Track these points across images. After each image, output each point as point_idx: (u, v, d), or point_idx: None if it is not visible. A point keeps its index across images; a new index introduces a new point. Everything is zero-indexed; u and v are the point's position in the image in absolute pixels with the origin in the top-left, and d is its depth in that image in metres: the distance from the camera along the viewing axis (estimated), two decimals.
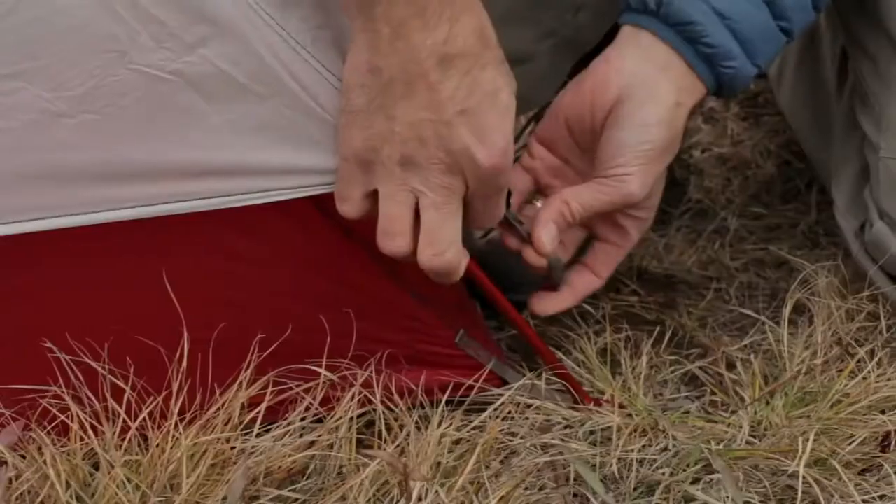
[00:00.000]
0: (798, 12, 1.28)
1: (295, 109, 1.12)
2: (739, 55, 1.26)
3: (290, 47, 1.10)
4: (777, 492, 1.14)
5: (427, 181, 1.11)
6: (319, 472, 1.20)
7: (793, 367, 1.32)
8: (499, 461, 1.19)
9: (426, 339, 1.28)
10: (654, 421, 1.24)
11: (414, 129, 1.09)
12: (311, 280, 1.22)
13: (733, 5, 1.24)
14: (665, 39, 1.25)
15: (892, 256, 1.36)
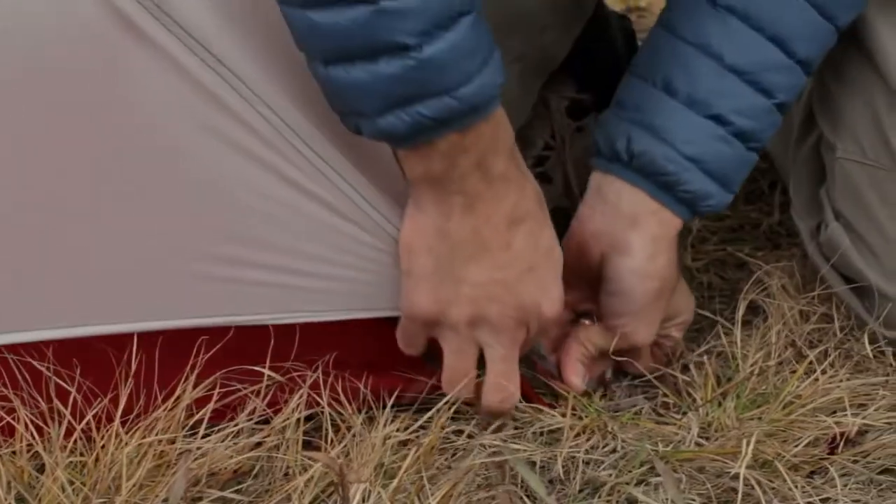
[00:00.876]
0: (768, 129, 1.29)
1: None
2: (716, 192, 1.28)
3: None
4: (720, 494, 1.13)
5: (497, 336, 1.19)
6: (266, 473, 1.20)
7: (746, 368, 1.31)
8: (443, 461, 1.19)
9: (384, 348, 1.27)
10: (603, 422, 1.24)
11: (484, 289, 1.16)
12: None
13: (704, 147, 1.26)
14: (639, 187, 1.27)
15: (845, 257, 1.35)
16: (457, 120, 1.08)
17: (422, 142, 1.09)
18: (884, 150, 1.33)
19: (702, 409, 1.28)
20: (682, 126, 1.26)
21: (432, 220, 1.14)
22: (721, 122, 1.26)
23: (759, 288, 1.40)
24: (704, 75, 1.26)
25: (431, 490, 1.13)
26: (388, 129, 1.07)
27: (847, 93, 1.38)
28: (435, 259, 1.15)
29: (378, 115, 1.07)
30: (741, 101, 1.26)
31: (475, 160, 1.11)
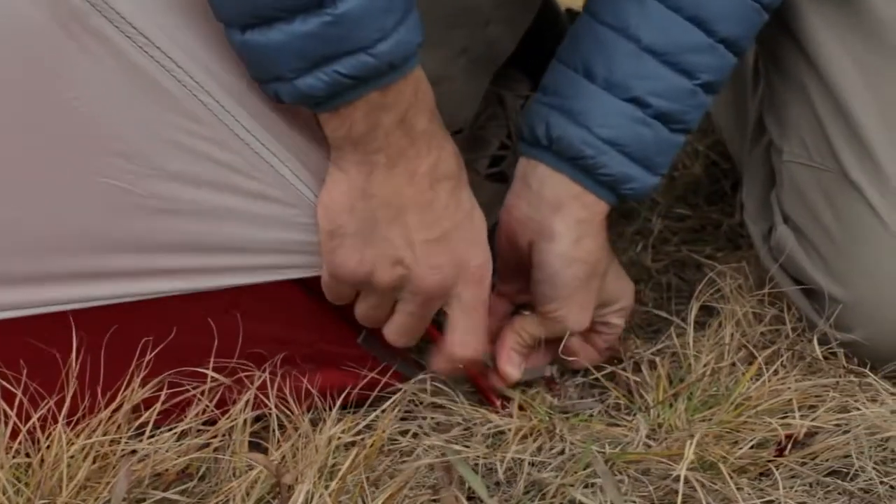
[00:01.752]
0: (693, 111, 1.27)
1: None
2: (639, 174, 1.27)
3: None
4: (662, 496, 1.13)
5: (413, 297, 1.18)
6: (213, 474, 1.19)
7: (698, 369, 1.31)
8: (389, 462, 1.19)
9: (330, 338, 1.26)
10: (551, 424, 1.24)
11: (409, 250, 1.16)
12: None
13: (623, 131, 1.25)
14: (561, 171, 1.27)
15: (793, 260, 1.35)
16: (375, 78, 1.07)
17: (342, 103, 1.09)
18: (827, 151, 1.33)
19: (652, 411, 1.27)
20: (600, 109, 1.25)
21: (354, 181, 1.13)
22: (640, 104, 1.25)
23: (713, 289, 1.39)
24: (622, 58, 1.25)
25: (376, 492, 1.13)
26: (307, 91, 1.07)
27: (790, 92, 1.38)
28: (358, 219, 1.14)
29: (296, 77, 1.07)
30: (660, 84, 1.25)
31: (397, 118, 1.10)
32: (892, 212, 1.29)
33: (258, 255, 1.16)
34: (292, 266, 1.18)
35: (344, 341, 1.27)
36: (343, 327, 1.26)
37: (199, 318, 1.19)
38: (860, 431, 1.20)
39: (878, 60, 1.32)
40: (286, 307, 1.23)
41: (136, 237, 1.13)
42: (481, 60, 1.42)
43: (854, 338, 1.31)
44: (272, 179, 1.13)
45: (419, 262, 1.16)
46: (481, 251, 1.20)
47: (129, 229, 1.12)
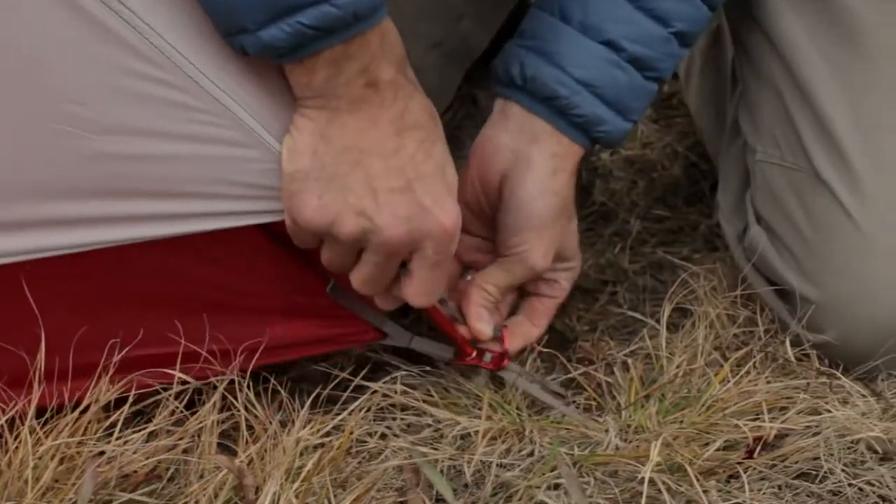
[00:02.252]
0: (666, 59, 1.28)
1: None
2: (611, 118, 1.27)
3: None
4: (627, 498, 1.12)
5: (376, 248, 1.15)
6: (183, 475, 1.19)
7: (670, 371, 1.31)
8: (356, 464, 1.19)
9: (297, 288, 1.25)
10: (521, 425, 1.23)
11: (373, 198, 1.13)
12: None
13: (597, 72, 1.26)
14: (535, 112, 1.27)
15: (766, 260, 1.35)
16: (339, 29, 1.06)
17: (306, 55, 1.08)
18: (799, 150, 1.33)
19: (624, 412, 1.27)
20: (575, 51, 1.26)
21: (316, 124, 1.12)
22: (614, 47, 1.26)
23: (687, 291, 1.39)
24: (598, 2, 1.26)
25: (343, 493, 1.13)
26: (270, 43, 1.06)
27: (763, 92, 1.38)
28: (319, 163, 1.12)
29: (260, 29, 1.06)
30: (634, 28, 1.26)
31: (361, 67, 1.09)
32: (862, 211, 1.28)
33: (219, 200, 1.13)
34: (255, 212, 1.15)
35: (313, 290, 1.26)
36: (312, 276, 1.25)
37: (163, 267, 1.18)
38: (830, 433, 1.20)
39: (850, 60, 1.32)
40: (253, 255, 1.21)
41: (94, 184, 1.10)
42: (454, 55, 1.42)
43: (826, 338, 1.30)
44: (231, 123, 1.10)
45: (382, 213, 1.13)
46: (450, 207, 1.16)
47: (86, 177, 1.09)
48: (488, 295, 1.30)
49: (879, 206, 1.29)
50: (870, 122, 1.30)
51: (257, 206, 1.14)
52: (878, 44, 1.31)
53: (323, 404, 1.25)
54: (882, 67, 1.31)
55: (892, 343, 1.29)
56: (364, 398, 1.22)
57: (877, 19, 1.31)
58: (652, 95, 1.30)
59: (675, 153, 1.78)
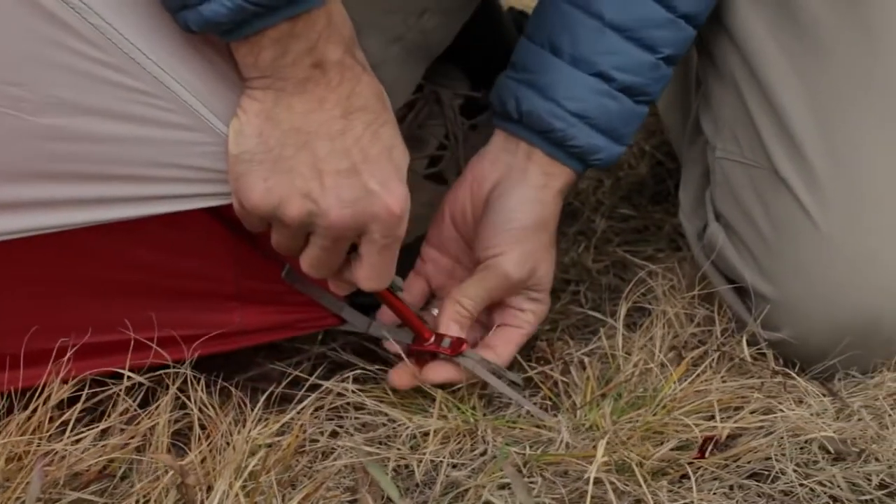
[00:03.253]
0: (656, 83, 1.32)
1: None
2: (605, 145, 1.31)
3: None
4: (574, 497, 1.12)
5: (323, 232, 1.14)
6: (137, 474, 1.19)
7: (627, 370, 1.31)
8: (307, 462, 1.18)
9: (251, 273, 1.25)
10: (474, 425, 1.23)
11: (318, 180, 1.12)
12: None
13: (590, 104, 1.30)
14: (533, 143, 1.31)
15: (724, 258, 1.35)
16: (282, 7, 1.05)
17: (250, 32, 1.07)
18: (758, 147, 1.32)
19: (579, 412, 1.27)
20: (567, 84, 1.30)
21: (262, 105, 1.11)
22: (605, 78, 1.29)
23: (646, 290, 1.39)
24: (586, 34, 1.30)
25: (293, 493, 1.13)
26: (212, 18, 1.05)
27: (723, 89, 1.38)
28: (265, 145, 1.11)
29: (201, 4, 1.05)
30: (623, 58, 1.29)
31: (307, 46, 1.08)
32: (820, 209, 1.28)
33: (166, 183, 1.11)
34: (204, 195, 1.13)
35: (267, 276, 1.25)
36: (265, 261, 1.25)
37: (111, 253, 1.17)
38: (783, 433, 1.20)
39: (810, 58, 1.31)
40: (205, 240, 1.21)
41: (34, 168, 1.08)
42: (416, 50, 1.42)
43: (782, 336, 1.30)
44: (175, 105, 1.09)
45: (328, 196, 1.12)
46: (398, 189, 1.14)
47: (25, 159, 1.08)
48: (462, 309, 1.30)
49: (837, 204, 1.28)
50: (829, 120, 1.30)
51: (205, 188, 1.13)
52: (837, 43, 1.31)
53: (277, 403, 1.25)
54: (841, 66, 1.31)
55: (848, 342, 1.29)
56: (313, 397, 1.21)
57: (836, 19, 1.31)
58: (643, 117, 1.34)
59: (641, 152, 1.78)
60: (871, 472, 1.18)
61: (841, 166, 1.29)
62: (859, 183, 1.28)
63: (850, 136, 1.29)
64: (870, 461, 1.19)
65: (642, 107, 1.32)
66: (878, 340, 1.30)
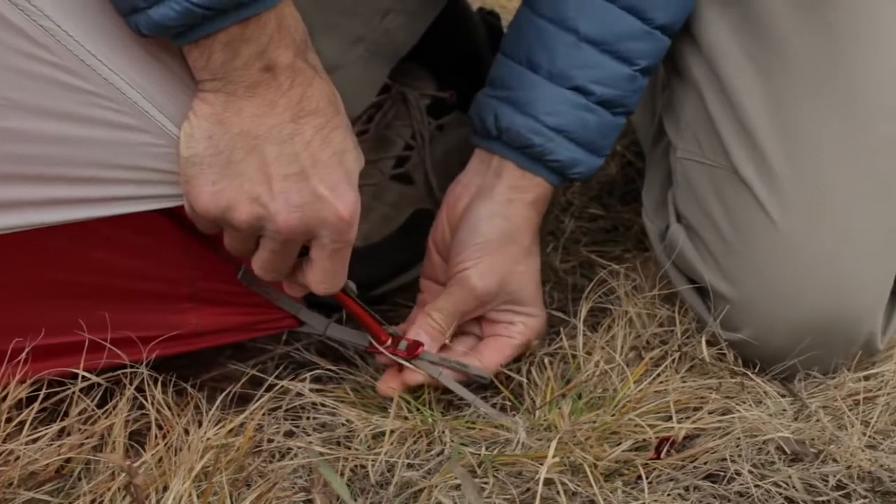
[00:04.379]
0: (633, 95, 1.32)
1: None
2: (584, 158, 1.32)
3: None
4: (526, 498, 1.12)
5: (273, 236, 1.14)
6: (93, 474, 1.19)
7: (588, 370, 1.30)
8: (262, 462, 1.18)
9: (206, 275, 1.25)
10: (431, 425, 1.23)
11: (267, 185, 1.12)
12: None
13: (568, 118, 1.30)
14: (512, 159, 1.32)
15: (685, 258, 1.34)
16: (231, 10, 1.05)
17: (201, 35, 1.07)
18: (718, 147, 1.32)
19: (539, 412, 1.27)
20: (545, 99, 1.30)
21: (213, 109, 1.10)
22: (583, 92, 1.30)
23: (607, 289, 1.38)
24: (562, 48, 1.30)
25: (247, 492, 1.13)
26: (161, 21, 1.05)
27: (685, 89, 1.38)
28: (215, 148, 1.10)
29: (150, 7, 1.05)
30: (600, 72, 1.30)
31: (257, 50, 1.08)
32: (780, 209, 1.28)
33: (118, 185, 1.11)
34: (156, 196, 1.13)
35: (223, 278, 1.25)
36: (221, 263, 1.25)
37: (65, 254, 1.17)
38: (739, 434, 1.20)
39: (771, 60, 1.31)
40: (157, 241, 1.21)
41: None
42: (379, 51, 1.42)
43: (742, 337, 1.30)
44: (127, 107, 1.08)
45: (276, 200, 1.12)
46: (348, 194, 1.15)
47: None
48: (433, 321, 1.30)
49: (797, 205, 1.28)
50: (789, 121, 1.30)
51: (158, 190, 1.13)
52: (799, 45, 1.31)
53: (236, 403, 1.25)
54: (802, 68, 1.30)
55: (808, 343, 1.29)
56: (266, 397, 1.21)
57: (797, 21, 1.31)
58: (621, 128, 1.34)
59: (612, 152, 1.77)
60: (828, 473, 1.18)
61: (800, 167, 1.29)
62: (819, 184, 1.28)
63: (810, 137, 1.29)
64: (827, 462, 1.19)
65: (620, 118, 1.32)
66: (839, 341, 1.30)
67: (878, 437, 1.24)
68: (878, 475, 1.18)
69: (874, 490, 1.17)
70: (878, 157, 1.30)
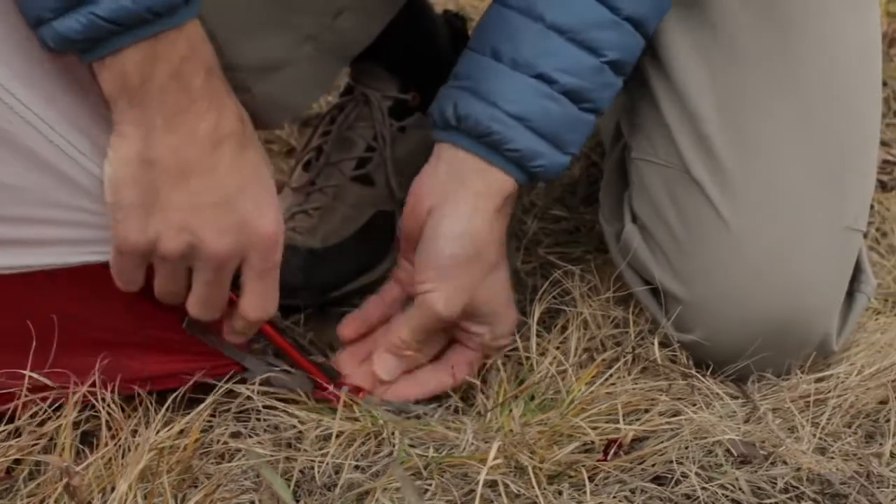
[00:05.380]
0: (601, 90, 1.27)
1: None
2: (547, 151, 1.27)
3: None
4: (468, 500, 1.12)
5: (210, 262, 1.15)
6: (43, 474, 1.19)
7: (539, 372, 1.30)
8: (211, 463, 1.18)
9: (152, 324, 1.24)
10: (380, 427, 1.23)
11: (193, 214, 1.13)
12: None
13: (529, 105, 1.25)
14: (471, 150, 1.27)
15: (639, 259, 1.34)
16: (137, 25, 1.05)
17: (109, 52, 1.06)
18: (671, 148, 1.32)
19: (490, 414, 1.27)
20: (507, 87, 1.26)
21: (134, 147, 1.10)
22: (546, 80, 1.26)
23: (560, 290, 1.38)
24: (527, 37, 1.26)
25: (192, 493, 1.13)
26: (67, 34, 1.05)
27: (639, 89, 1.37)
28: (141, 190, 1.11)
29: (56, 18, 1.05)
30: (565, 60, 1.26)
31: (171, 71, 1.08)
32: (732, 210, 1.28)
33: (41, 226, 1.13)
34: (83, 241, 1.15)
35: (169, 326, 1.24)
36: (166, 311, 1.24)
37: (12, 301, 1.17)
38: (687, 436, 1.20)
39: (723, 58, 1.31)
40: (102, 291, 1.20)
41: None
42: (331, 50, 1.41)
43: (694, 338, 1.30)
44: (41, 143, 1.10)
45: (205, 227, 1.13)
46: (271, 213, 1.16)
47: None
48: (398, 342, 1.30)
49: (749, 206, 1.28)
50: (741, 121, 1.30)
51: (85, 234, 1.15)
52: (751, 44, 1.31)
53: (185, 405, 1.24)
54: (754, 68, 1.31)
55: (760, 344, 1.29)
56: (210, 400, 1.21)
57: (749, 20, 1.31)
58: (590, 127, 1.29)
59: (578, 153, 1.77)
60: (777, 476, 1.18)
61: (752, 167, 1.29)
62: (770, 184, 1.28)
63: (761, 136, 1.29)
64: (776, 464, 1.19)
65: (587, 115, 1.27)
66: (790, 342, 1.30)
67: (828, 440, 1.24)
68: (827, 477, 1.18)
69: (824, 492, 1.17)
70: (829, 155, 1.30)
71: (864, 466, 1.20)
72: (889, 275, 1.55)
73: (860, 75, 1.35)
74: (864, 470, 1.20)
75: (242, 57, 1.36)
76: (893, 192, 1.73)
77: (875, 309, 1.47)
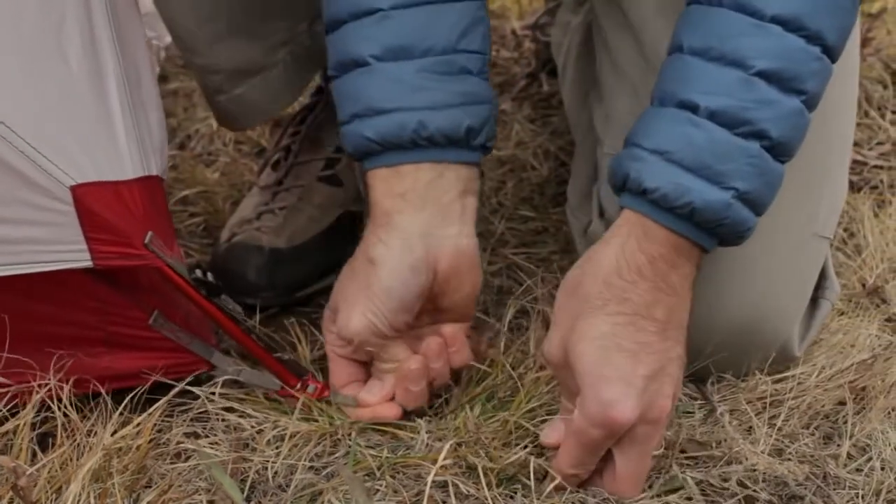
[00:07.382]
0: (764, 108, 1.12)
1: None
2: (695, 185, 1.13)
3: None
4: (418, 500, 1.12)
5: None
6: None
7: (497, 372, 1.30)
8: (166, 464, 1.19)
9: (118, 320, 1.25)
10: (335, 428, 1.23)
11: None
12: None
13: (667, 137, 1.13)
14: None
15: None
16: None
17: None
18: None
19: (449, 415, 1.27)
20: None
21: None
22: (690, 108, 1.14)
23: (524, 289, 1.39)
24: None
25: (146, 493, 1.13)
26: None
27: (621, 85, 1.35)
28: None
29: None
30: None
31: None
32: None
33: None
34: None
35: (133, 323, 1.25)
36: (131, 309, 1.25)
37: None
38: None
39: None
40: (66, 287, 1.21)
41: None
42: (305, 56, 1.42)
43: None
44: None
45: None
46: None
47: None
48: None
49: None
50: None
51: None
52: None
53: (139, 405, 1.24)
54: None
55: (720, 345, 1.28)
56: (164, 400, 1.21)
57: None
58: (756, 154, 1.14)
59: (546, 153, 1.77)
60: (731, 476, 1.18)
61: None
62: None
63: None
64: (731, 465, 1.20)
65: (746, 141, 1.13)
66: (751, 345, 1.29)
67: (785, 441, 1.24)
68: (783, 479, 1.18)
69: (778, 494, 1.17)
70: (802, 162, 1.29)
71: (821, 468, 1.20)
72: (854, 275, 1.54)
73: (836, 83, 1.33)
74: (820, 471, 1.20)
75: (219, 60, 1.37)
76: (862, 193, 1.73)
77: (839, 310, 1.46)
